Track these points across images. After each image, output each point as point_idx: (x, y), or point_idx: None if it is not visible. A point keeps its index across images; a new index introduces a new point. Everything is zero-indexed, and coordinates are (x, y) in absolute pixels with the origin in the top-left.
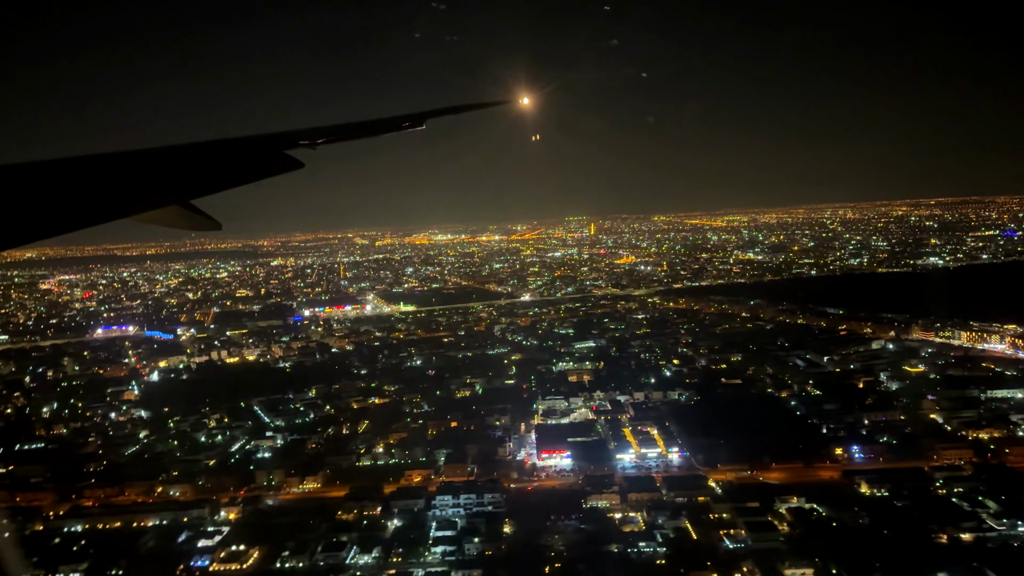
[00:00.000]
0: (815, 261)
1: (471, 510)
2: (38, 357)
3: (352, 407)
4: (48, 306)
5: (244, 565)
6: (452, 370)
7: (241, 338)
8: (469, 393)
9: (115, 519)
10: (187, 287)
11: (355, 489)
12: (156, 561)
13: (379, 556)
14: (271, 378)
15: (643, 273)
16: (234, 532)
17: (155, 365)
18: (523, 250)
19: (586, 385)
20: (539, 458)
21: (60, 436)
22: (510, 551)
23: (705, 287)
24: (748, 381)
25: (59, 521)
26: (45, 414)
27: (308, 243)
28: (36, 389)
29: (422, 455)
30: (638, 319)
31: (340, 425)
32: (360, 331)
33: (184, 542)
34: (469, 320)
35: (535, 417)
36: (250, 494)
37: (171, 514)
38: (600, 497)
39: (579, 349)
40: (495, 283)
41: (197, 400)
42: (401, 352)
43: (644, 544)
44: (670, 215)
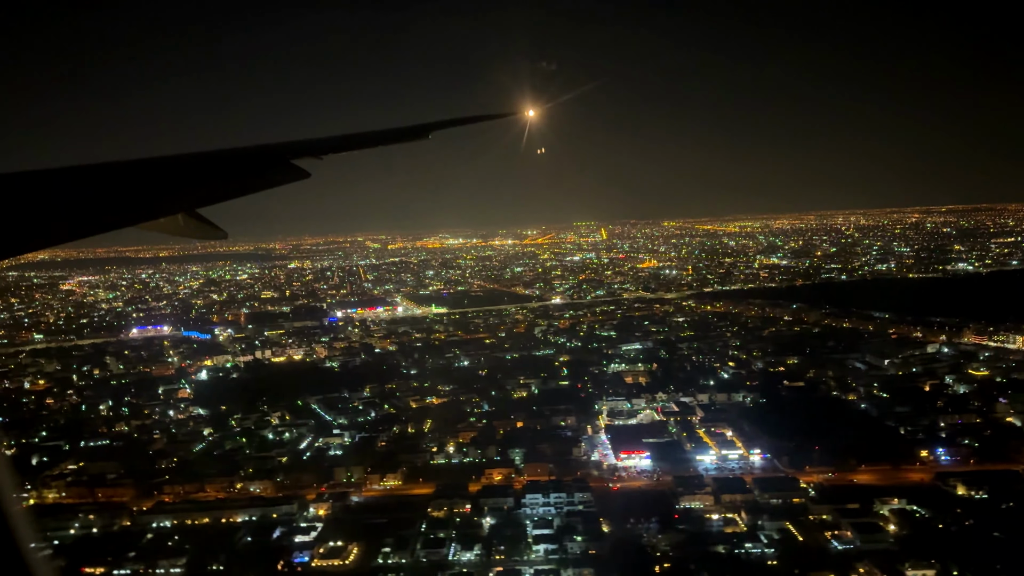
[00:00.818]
0: (842, 266)
1: (562, 509)
2: (80, 356)
3: (411, 406)
4: (75, 307)
5: (346, 561)
6: (502, 371)
7: (280, 338)
8: (526, 394)
9: (202, 515)
10: (210, 289)
11: (440, 487)
12: (255, 556)
13: (481, 553)
14: (321, 377)
15: (669, 277)
16: (328, 528)
17: (201, 364)
18: (540, 254)
19: (643, 386)
20: (617, 458)
21: (123, 433)
22: (614, 550)
23: (736, 291)
24: (811, 384)
25: (145, 517)
26: (103, 411)
27: (320, 246)
28: (87, 387)
29: (495, 454)
30: (678, 322)
31: (404, 424)
32: (398, 332)
33: (279, 538)
34: (506, 322)
35: (599, 418)
36: (333, 491)
37: (259, 510)
38: (693, 498)
39: (626, 351)
40: (521, 286)
41: (253, 398)
42: (446, 353)
43: (751, 545)
44: (679, 220)
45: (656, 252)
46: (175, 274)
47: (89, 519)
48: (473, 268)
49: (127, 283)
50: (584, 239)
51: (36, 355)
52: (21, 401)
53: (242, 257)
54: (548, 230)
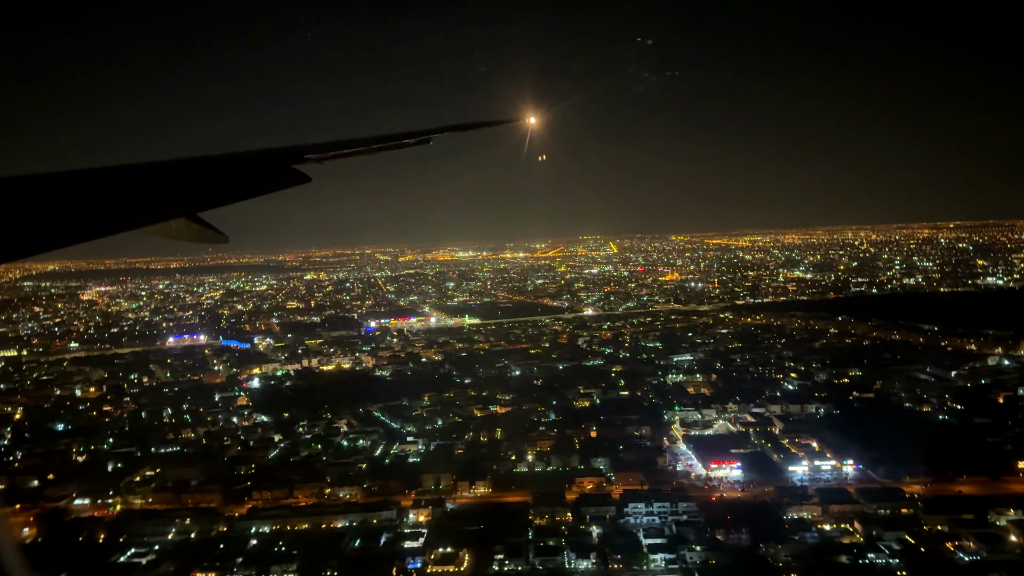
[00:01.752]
0: (869, 280)
1: (666, 519)
2: (123, 364)
3: (475, 415)
4: (102, 316)
5: (460, 568)
6: (557, 381)
7: (320, 347)
8: (588, 403)
9: (299, 520)
10: (232, 299)
11: (536, 495)
12: (366, 562)
13: (597, 561)
14: (376, 386)
15: (696, 290)
16: (433, 534)
17: (250, 372)
18: (556, 267)
19: (709, 397)
20: (707, 468)
21: (192, 440)
22: (734, 560)
23: (770, 304)
24: (881, 395)
25: (242, 522)
26: (166, 419)
27: (329, 259)
28: (141, 395)
29: (578, 463)
30: (722, 333)
31: (476, 432)
32: (439, 342)
33: (387, 544)
34: (545, 333)
35: (671, 428)
36: (423, 497)
37: (358, 515)
38: (800, 508)
39: (679, 362)
40: (548, 298)
41: (313, 406)
42: (496, 363)
43: (874, 556)
44: (687, 235)
45: (674, 265)
46: (192, 285)
47: (186, 524)
48: (492, 280)
49: (146, 293)
50: (595, 252)
51: (78, 363)
52: (78, 408)
53: (254, 269)
54: (556, 244)
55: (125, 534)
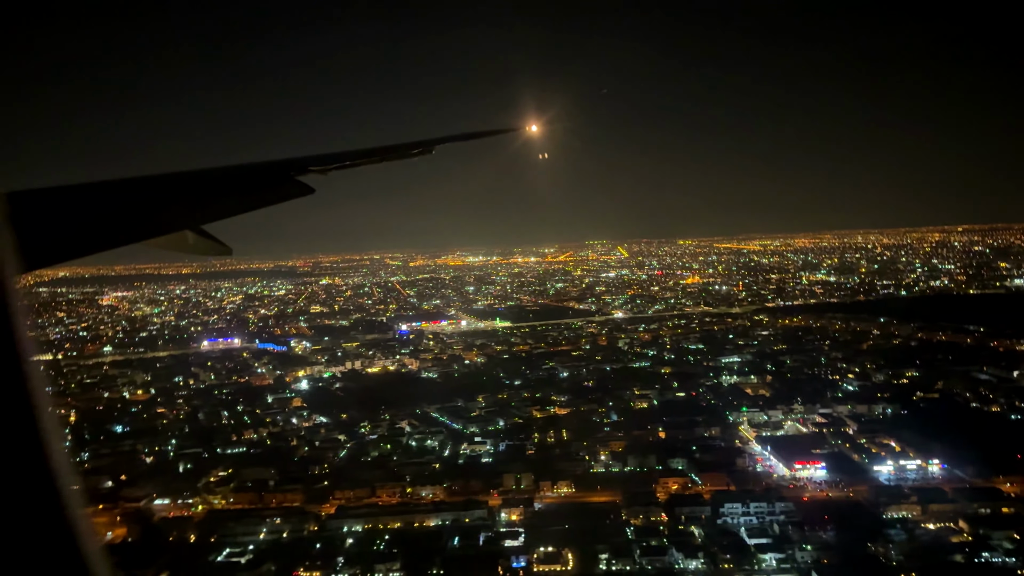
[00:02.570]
0: (894, 282)
1: (764, 519)
2: (164, 367)
3: (535, 416)
4: (128, 321)
5: (567, 567)
6: (607, 382)
7: (358, 350)
8: (646, 405)
9: (390, 519)
10: (253, 304)
11: (626, 495)
12: (469, 561)
13: (706, 562)
14: (426, 387)
15: (721, 293)
16: (531, 533)
17: (295, 375)
18: (571, 271)
19: (769, 399)
20: (791, 469)
21: (255, 441)
22: (845, 559)
23: (802, 306)
24: (945, 395)
25: (333, 521)
26: (225, 420)
27: (339, 264)
28: (191, 397)
29: (656, 463)
30: (763, 336)
31: (542, 432)
32: (477, 344)
33: (486, 543)
34: (582, 335)
35: (739, 428)
36: (510, 497)
37: (450, 515)
38: (899, 508)
39: (728, 363)
40: (572, 301)
41: (369, 407)
42: (541, 364)
43: (988, 554)
44: (694, 239)
45: (691, 269)
46: (208, 290)
47: (276, 524)
48: (511, 284)
49: (165, 298)
50: (606, 257)
51: (117, 367)
52: (131, 411)
53: (265, 274)
54: (565, 248)
55: (216, 534)
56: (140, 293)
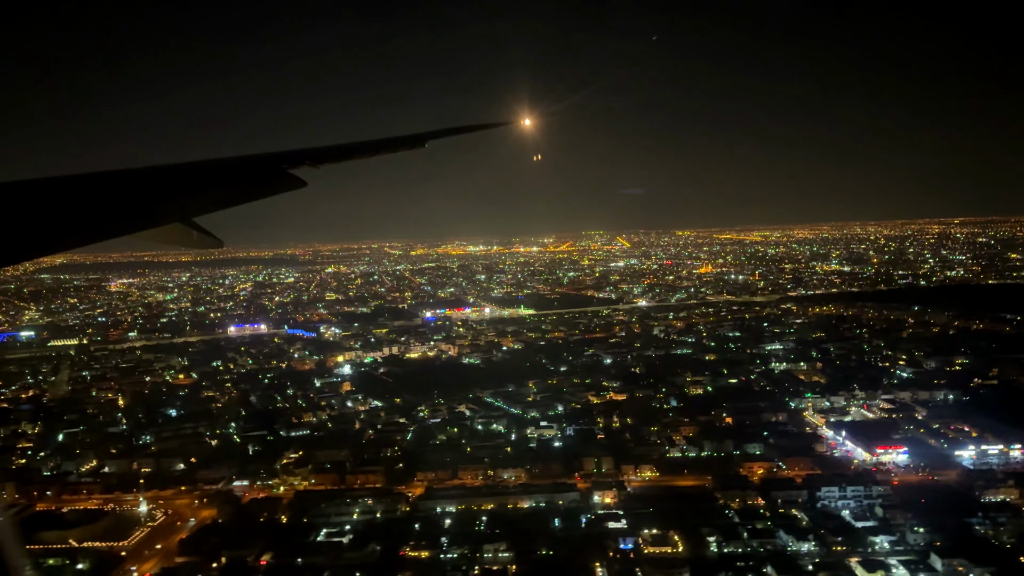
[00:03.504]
0: (910, 272)
1: (862, 502)
2: (198, 352)
3: (592, 401)
4: (144, 307)
5: (676, 549)
6: (655, 368)
7: (389, 336)
8: (702, 391)
9: (483, 501)
10: (266, 291)
11: (718, 479)
12: (576, 542)
13: (817, 544)
14: (471, 373)
15: (738, 282)
16: (630, 516)
17: (333, 360)
18: (580, 260)
19: (825, 385)
20: (873, 454)
21: (316, 424)
22: (958, 542)
23: (826, 295)
24: (1004, 382)
25: (424, 502)
26: (280, 404)
27: (338, 253)
28: (238, 381)
29: (732, 448)
30: (797, 323)
31: (606, 417)
32: (508, 331)
33: (589, 525)
34: (613, 322)
35: (804, 414)
36: (598, 480)
37: (542, 496)
38: (996, 491)
39: (772, 351)
40: (588, 290)
41: (421, 392)
42: (580, 351)
43: None
44: (691, 230)
45: (699, 259)
46: (215, 278)
47: (368, 504)
48: (521, 273)
49: (173, 285)
50: (608, 247)
51: (149, 351)
52: (178, 394)
53: (267, 262)
54: (563, 239)
55: (307, 514)
56: (145, 280)
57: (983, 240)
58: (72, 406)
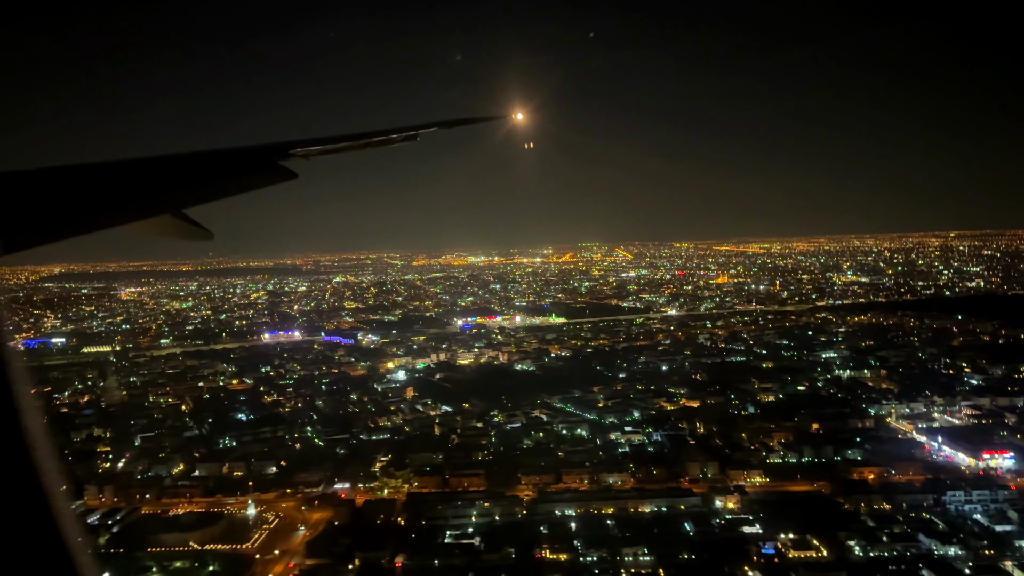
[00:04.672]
0: (929, 283)
1: (989, 507)
2: (240, 359)
3: (665, 407)
4: (166, 316)
5: (820, 553)
6: (716, 375)
7: (428, 344)
8: (773, 397)
9: (601, 504)
10: (282, 299)
11: (835, 483)
12: (717, 546)
13: (962, 548)
14: (530, 379)
15: (760, 292)
16: (762, 520)
17: (384, 366)
18: (590, 271)
19: (896, 393)
20: (979, 459)
21: (393, 427)
22: None
23: (857, 305)
24: None
25: (541, 505)
26: (350, 408)
27: (338, 263)
28: (296, 386)
29: (832, 453)
30: (842, 331)
31: (689, 423)
32: (547, 339)
33: (723, 529)
34: (652, 331)
35: (887, 420)
36: (703, 484)
37: (663, 501)
38: None
39: (829, 359)
40: (611, 299)
41: (488, 397)
42: (632, 358)
43: None
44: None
45: (709, 270)
46: (223, 286)
47: (485, 507)
48: (534, 283)
49: (184, 294)
50: (610, 258)
51: (190, 358)
52: (239, 399)
53: (270, 271)
54: (563, 250)
55: (424, 517)
56: (153, 289)
57: (988, 253)
58: (135, 411)
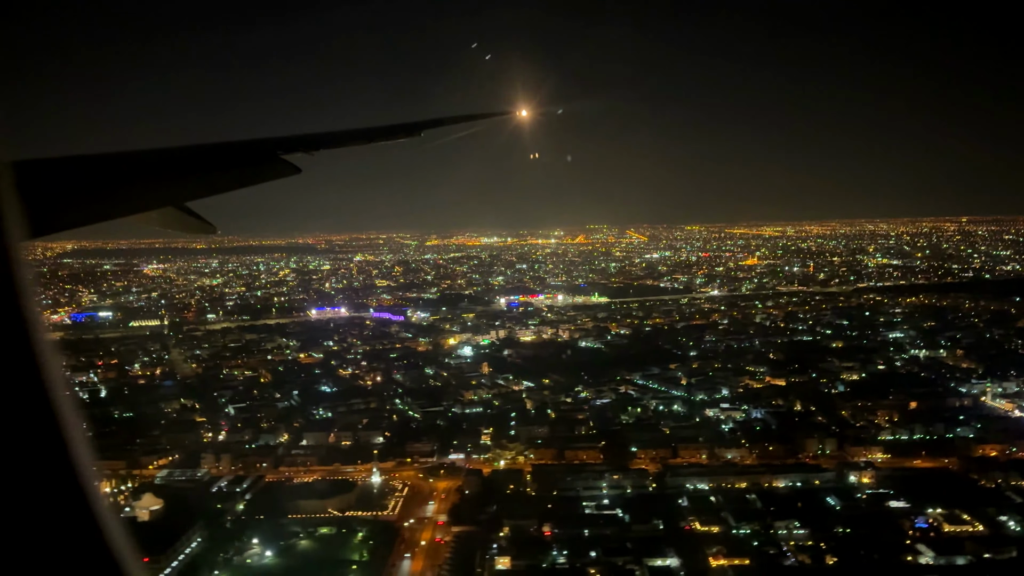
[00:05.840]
0: (965, 266)
1: None
2: (300, 334)
3: (752, 385)
4: (200, 291)
5: (975, 527)
6: (791, 354)
7: (479, 321)
8: (856, 376)
9: (734, 479)
10: (310, 277)
11: (962, 461)
12: (867, 520)
13: None
14: (600, 356)
15: (796, 274)
16: (904, 495)
17: (445, 342)
18: (610, 252)
19: (981, 372)
20: None
21: (480, 401)
22: None
23: (900, 287)
24: None
25: (671, 479)
26: (432, 382)
27: (350, 242)
28: (365, 360)
29: (944, 431)
30: (898, 312)
31: (783, 400)
32: (599, 317)
33: (868, 504)
34: (703, 311)
35: (982, 399)
36: (826, 460)
37: (796, 476)
38: None
39: (898, 339)
40: (645, 280)
41: (565, 373)
42: (696, 336)
43: None
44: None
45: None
46: (246, 264)
47: (614, 479)
48: (559, 263)
49: (210, 271)
50: (623, 240)
51: (246, 332)
52: (314, 372)
53: (285, 250)
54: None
55: (555, 488)
56: (176, 265)
57: (1009, 237)
58: (214, 383)
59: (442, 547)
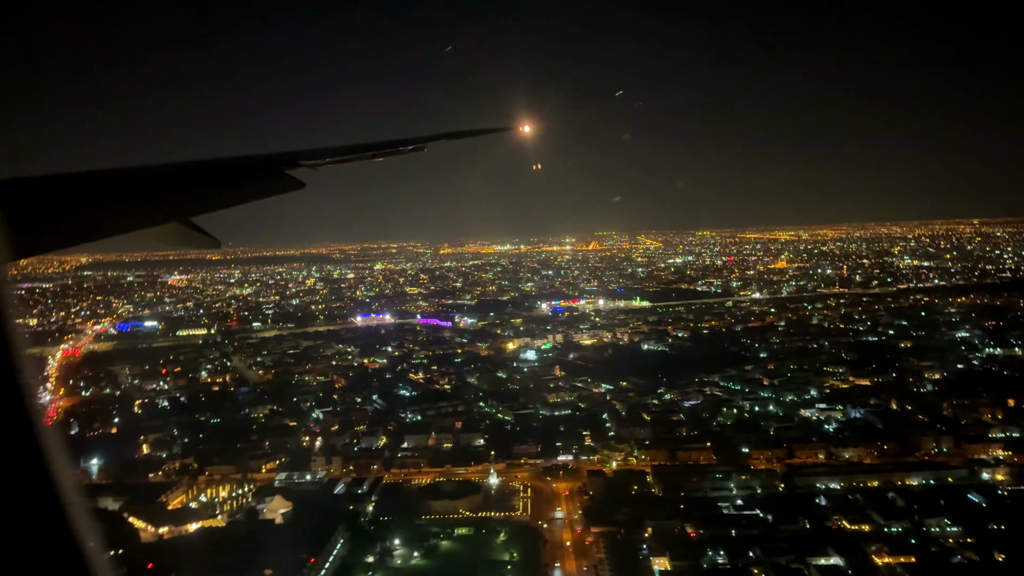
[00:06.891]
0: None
1: None
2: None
3: (837, 385)
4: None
5: None
6: (863, 355)
7: (528, 326)
8: (938, 375)
9: (864, 478)
10: (339, 285)
11: None
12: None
13: None
14: (667, 359)
15: (831, 276)
16: None
17: (505, 347)
18: (631, 258)
19: None
20: None
21: (564, 403)
22: None
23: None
24: None
25: (799, 479)
26: (512, 385)
27: (362, 252)
28: (432, 364)
29: None
30: (954, 312)
31: (876, 399)
32: (651, 320)
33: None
34: (757, 313)
35: None
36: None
37: (928, 474)
38: None
39: (965, 338)
40: (680, 283)
41: (639, 375)
42: (761, 338)
43: None
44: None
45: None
46: (270, 273)
47: (742, 479)
48: (584, 269)
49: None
50: (638, 246)
51: (299, 339)
52: (385, 378)
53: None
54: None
55: (681, 489)
56: (198, 276)
57: None
58: (289, 389)
59: (590, 548)
